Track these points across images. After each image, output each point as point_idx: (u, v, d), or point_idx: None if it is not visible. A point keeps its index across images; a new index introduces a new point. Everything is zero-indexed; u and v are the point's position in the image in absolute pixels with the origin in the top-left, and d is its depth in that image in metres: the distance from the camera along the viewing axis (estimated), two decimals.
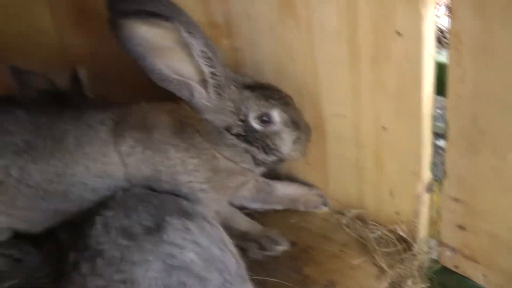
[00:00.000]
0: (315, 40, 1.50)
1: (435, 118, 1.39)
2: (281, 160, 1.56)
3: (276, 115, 1.49)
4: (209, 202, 1.56)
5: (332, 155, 1.66)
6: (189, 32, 1.32)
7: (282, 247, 1.58)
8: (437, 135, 1.44)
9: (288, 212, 1.76)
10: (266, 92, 1.51)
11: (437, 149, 1.46)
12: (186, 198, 1.49)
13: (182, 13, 1.37)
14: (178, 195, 1.50)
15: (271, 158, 1.54)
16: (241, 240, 1.54)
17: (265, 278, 1.45)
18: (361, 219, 1.64)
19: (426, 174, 1.44)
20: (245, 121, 1.48)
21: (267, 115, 1.48)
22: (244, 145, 1.51)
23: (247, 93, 1.48)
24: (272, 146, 1.51)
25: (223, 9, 1.76)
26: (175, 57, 1.35)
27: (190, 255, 1.17)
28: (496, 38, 1.14)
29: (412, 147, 1.41)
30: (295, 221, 1.72)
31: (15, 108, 1.58)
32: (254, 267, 1.43)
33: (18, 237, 1.72)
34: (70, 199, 1.56)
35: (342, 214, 1.68)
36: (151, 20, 1.29)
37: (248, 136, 1.49)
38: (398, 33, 1.29)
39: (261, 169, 1.62)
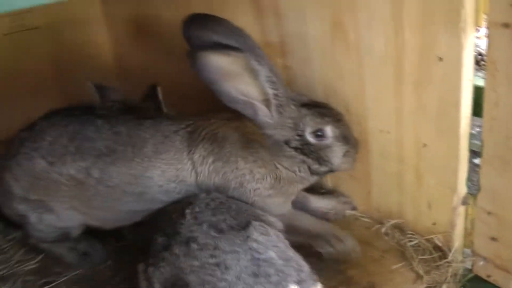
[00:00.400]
0: (364, 63, 1.68)
1: (472, 137, 1.54)
2: (332, 171, 1.75)
3: (329, 130, 1.68)
4: (275, 206, 1.76)
5: (376, 169, 1.83)
6: (257, 60, 1.54)
7: (351, 244, 1.74)
8: (474, 152, 1.59)
9: (331, 220, 1.93)
10: (321, 110, 1.70)
11: (473, 166, 1.60)
12: (253, 204, 1.71)
13: (250, 41, 1.61)
14: (245, 202, 1.70)
15: (323, 169, 1.73)
16: (309, 237, 1.73)
17: None
18: (400, 228, 1.81)
19: (462, 189, 1.60)
20: (302, 136, 1.68)
21: (321, 130, 1.68)
22: (301, 156, 1.71)
23: (304, 111, 1.68)
24: (325, 158, 1.70)
25: (278, 29, 1.95)
26: (242, 81, 1.57)
27: (271, 254, 1.37)
28: None
29: (449, 163, 1.57)
30: (337, 226, 1.89)
31: (96, 118, 1.81)
32: None
33: (86, 232, 1.95)
34: (144, 200, 1.77)
35: (382, 223, 1.84)
36: (225, 52, 1.52)
37: (304, 149, 1.69)
38: (440, 59, 1.46)
39: (315, 178, 1.80)
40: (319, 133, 1.68)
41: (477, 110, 1.50)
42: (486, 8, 1.37)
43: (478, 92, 1.48)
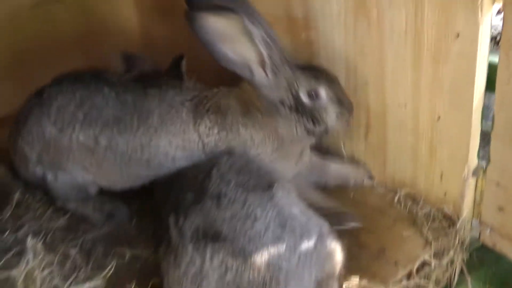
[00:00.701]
0: (384, 38, 1.77)
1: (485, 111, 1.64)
2: (327, 131, 1.86)
3: (322, 91, 1.80)
4: (280, 171, 1.86)
5: (391, 141, 1.93)
6: (251, 22, 1.64)
7: (353, 223, 1.83)
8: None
9: (348, 188, 2.04)
10: (315, 72, 1.82)
11: (484, 139, 1.70)
12: None
13: (246, 4, 1.72)
14: None
15: (318, 129, 1.84)
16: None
17: None
18: (412, 197, 1.91)
19: (473, 161, 1.69)
20: (296, 96, 1.80)
21: (315, 91, 1.80)
22: (296, 116, 1.83)
23: (298, 72, 1.80)
24: (319, 118, 1.82)
25: (303, 4, 2.04)
26: (238, 43, 1.69)
27: (296, 211, 1.50)
28: None
29: (462, 136, 1.66)
30: (354, 196, 2.00)
31: (103, 85, 1.91)
32: None
33: (112, 195, 2.07)
34: (151, 166, 1.89)
35: (396, 193, 1.95)
36: (220, 13, 1.63)
37: (299, 109, 1.81)
38: (457, 35, 1.55)
39: (313, 139, 1.93)
40: (312, 93, 1.79)
41: (492, 86, 1.59)
42: None
43: (493, 69, 1.57)
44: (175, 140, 1.85)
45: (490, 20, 1.51)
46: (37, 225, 2.01)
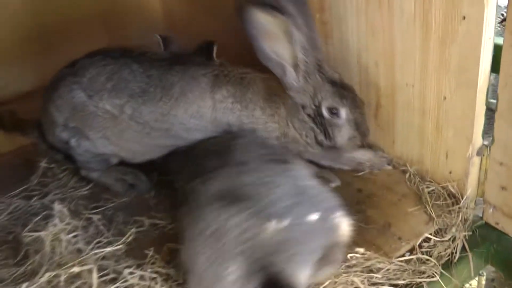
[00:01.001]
0: (394, 20, 1.84)
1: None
2: (335, 146, 1.95)
3: (343, 112, 1.88)
4: None
5: (400, 120, 2.01)
6: (296, 26, 1.73)
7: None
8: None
9: None
10: (344, 92, 1.89)
11: (490, 119, 1.76)
12: None
13: (303, 7, 1.81)
14: None
15: (327, 142, 1.94)
16: None
17: None
18: (419, 175, 1.99)
19: (478, 140, 1.76)
20: (318, 107, 1.89)
21: (337, 109, 1.88)
22: (311, 124, 1.93)
23: (328, 86, 1.87)
24: (331, 134, 1.92)
25: None
26: (279, 42, 1.78)
27: (312, 183, 1.63)
28: None
29: (467, 116, 1.73)
30: (363, 173, 2.09)
31: (132, 62, 2.04)
32: None
33: (133, 166, 2.20)
34: (169, 135, 2.02)
35: (404, 170, 2.03)
36: (269, 11, 1.71)
37: (316, 119, 1.91)
38: (463, 17, 1.61)
39: (318, 149, 2.00)
40: (334, 111, 1.88)
41: (497, 67, 1.64)
42: None
43: (499, 50, 1.62)
44: (191, 108, 1.98)
45: (495, 3, 1.56)
46: (62, 192, 2.18)
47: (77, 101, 2.03)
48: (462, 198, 1.82)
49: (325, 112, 1.89)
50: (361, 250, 1.71)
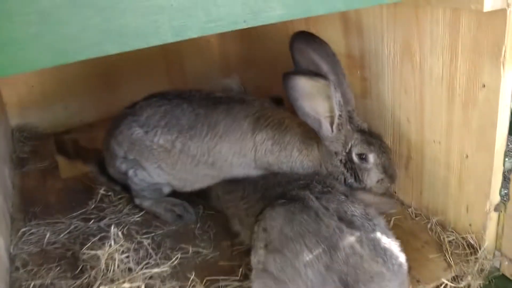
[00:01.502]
0: (424, 81, 2.07)
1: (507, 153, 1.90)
2: (364, 189, 2.19)
3: (371, 157, 2.14)
4: None
5: (427, 173, 2.22)
6: (335, 87, 2.01)
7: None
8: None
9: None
10: (372, 139, 2.15)
11: (507, 178, 1.96)
12: None
13: (338, 67, 2.13)
14: None
15: (356, 185, 2.19)
16: None
17: None
18: (442, 225, 2.19)
19: (495, 197, 1.95)
20: (348, 153, 2.15)
21: (365, 155, 2.13)
22: (342, 169, 2.18)
23: (357, 135, 2.14)
24: (361, 178, 2.17)
25: (359, 44, 2.38)
26: (317, 101, 2.05)
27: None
28: None
29: (486, 174, 1.93)
30: (389, 218, 2.29)
31: (183, 102, 2.36)
32: None
33: (182, 198, 2.50)
34: (215, 168, 2.31)
35: (429, 219, 2.23)
36: (313, 78, 2.01)
37: (347, 164, 2.16)
38: (483, 85, 1.83)
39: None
40: (363, 157, 2.13)
41: None
42: None
43: None
44: (234, 147, 2.26)
45: None
46: (117, 218, 2.48)
47: (135, 137, 2.35)
48: (480, 249, 2.01)
49: (355, 158, 2.14)
50: None
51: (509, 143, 1.91)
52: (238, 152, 2.26)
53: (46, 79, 3.54)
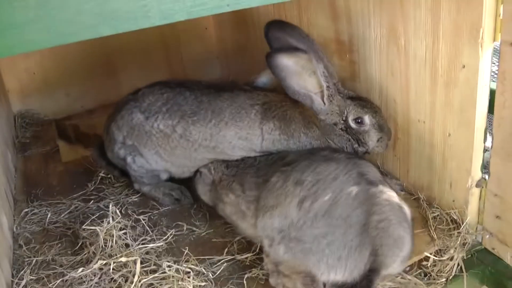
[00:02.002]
0: (409, 64, 2.18)
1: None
2: (368, 152, 2.31)
3: (367, 119, 2.24)
4: None
5: (413, 152, 2.33)
6: (317, 60, 2.11)
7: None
8: None
9: None
10: (362, 102, 2.26)
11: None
12: None
13: (314, 44, 2.22)
14: None
15: (361, 149, 2.30)
16: None
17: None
18: (428, 201, 2.30)
19: (476, 173, 2.06)
20: (346, 121, 2.26)
21: (361, 118, 2.24)
22: (347, 135, 2.28)
23: (349, 101, 2.25)
24: (363, 141, 2.27)
25: (348, 30, 2.49)
26: (303, 78, 2.17)
27: None
28: None
29: (467, 151, 2.04)
30: None
31: (185, 90, 2.45)
32: None
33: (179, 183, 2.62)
34: (215, 151, 2.40)
35: (415, 196, 2.34)
36: (293, 53, 2.11)
37: (348, 132, 2.27)
38: (463, 66, 1.93)
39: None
40: (359, 120, 2.24)
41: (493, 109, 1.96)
42: None
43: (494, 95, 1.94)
44: (241, 132, 2.35)
45: (490, 55, 1.88)
46: (116, 198, 2.60)
47: (135, 122, 2.45)
48: (462, 224, 2.12)
49: (352, 123, 2.26)
50: None
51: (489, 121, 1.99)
52: (244, 137, 2.35)
53: (48, 67, 3.65)
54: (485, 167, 2.08)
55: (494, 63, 1.92)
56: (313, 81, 2.17)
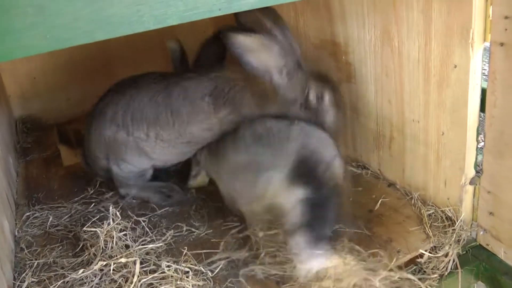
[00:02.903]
0: (403, 64, 2.22)
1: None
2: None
3: (327, 96, 2.32)
4: None
5: (408, 151, 2.37)
6: (270, 40, 2.18)
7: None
8: None
9: (371, 189, 2.51)
10: (323, 79, 2.33)
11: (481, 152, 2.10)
12: None
13: (277, 20, 2.28)
14: None
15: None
16: None
17: (344, 229, 2.22)
18: (423, 200, 2.34)
19: (470, 171, 2.10)
20: (306, 97, 2.32)
21: (321, 95, 2.31)
22: (305, 112, 2.33)
23: (309, 78, 2.32)
24: (321, 117, 2.33)
25: (343, 32, 2.53)
26: (260, 55, 2.20)
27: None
28: None
29: (460, 149, 2.08)
30: (375, 195, 2.46)
31: (136, 93, 2.51)
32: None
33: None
34: (191, 144, 2.53)
35: (411, 195, 2.39)
36: (247, 33, 2.17)
37: (307, 108, 2.33)
38: (455, 66, 1.97)
39: None
40: (319, 97, 2.32)
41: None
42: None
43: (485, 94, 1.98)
44: (202, 125, 2.45)
45: (481, 55, 1.93)
46: (115, 201, 2.64)
47: (107, 139, 2.54)
48: (457, 221, 2.16)
49: (312, 100, 2.32)
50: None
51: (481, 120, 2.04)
52: (207, 128, 2.45)
53: (49, 72, 3.70)
54: (478, 165, 2.12)
55: (488, 62, 1.95)
56: (270, 58, 2.21)
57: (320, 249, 1.92)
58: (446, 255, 2.09)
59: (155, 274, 1.99)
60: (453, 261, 2.08)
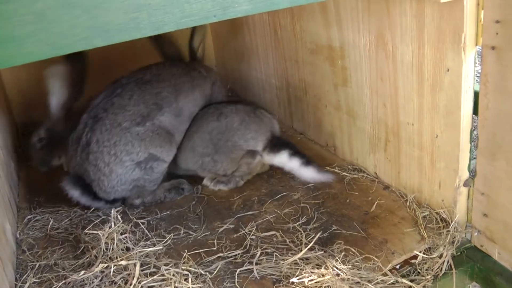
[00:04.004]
0: (397, 68, 2.25)
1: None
2: None
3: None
4: None
5: (403, 154, 2.39)
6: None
7: None
8: None
9: (367, 192, 2.53)
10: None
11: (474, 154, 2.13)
12: None
13: None
14: None
15: None
16: None
17: (340, 230, 2.24)
18: (418, 201, 2.36)
19: (464, 173, 2.12)
20: None
21: None
22: None
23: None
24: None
25: (339, 36, 2.56)
26: None
27: None
28: (509, 80, 1.82)
29: (454, 152, 2.10)
30: (371, 197, 2.48)
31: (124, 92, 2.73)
32: (332, 221, 2.24)
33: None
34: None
35: (406, 197, 2.41)
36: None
37: None
38: (448, 70, 2.00)
39: None
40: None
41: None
42: None
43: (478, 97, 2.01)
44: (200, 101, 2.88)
45: (473, 59, 1.95)
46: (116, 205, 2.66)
47: (130, 137, 2.55)
48: (451, 222, 2.18)
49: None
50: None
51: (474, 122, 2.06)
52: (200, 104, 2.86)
53: None
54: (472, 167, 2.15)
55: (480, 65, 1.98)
56: None
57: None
58: (441, 256, 2.11)
59: (155, 277, 2.01)
60: (448, 262, 2.10)
